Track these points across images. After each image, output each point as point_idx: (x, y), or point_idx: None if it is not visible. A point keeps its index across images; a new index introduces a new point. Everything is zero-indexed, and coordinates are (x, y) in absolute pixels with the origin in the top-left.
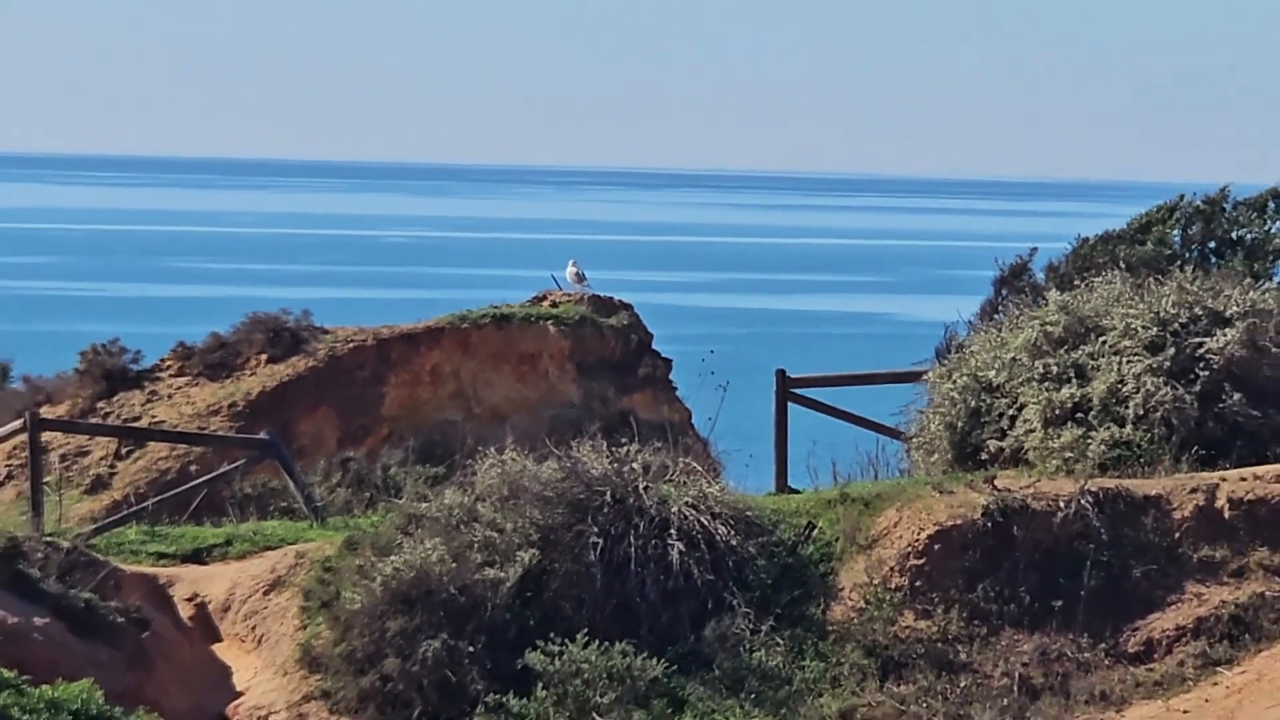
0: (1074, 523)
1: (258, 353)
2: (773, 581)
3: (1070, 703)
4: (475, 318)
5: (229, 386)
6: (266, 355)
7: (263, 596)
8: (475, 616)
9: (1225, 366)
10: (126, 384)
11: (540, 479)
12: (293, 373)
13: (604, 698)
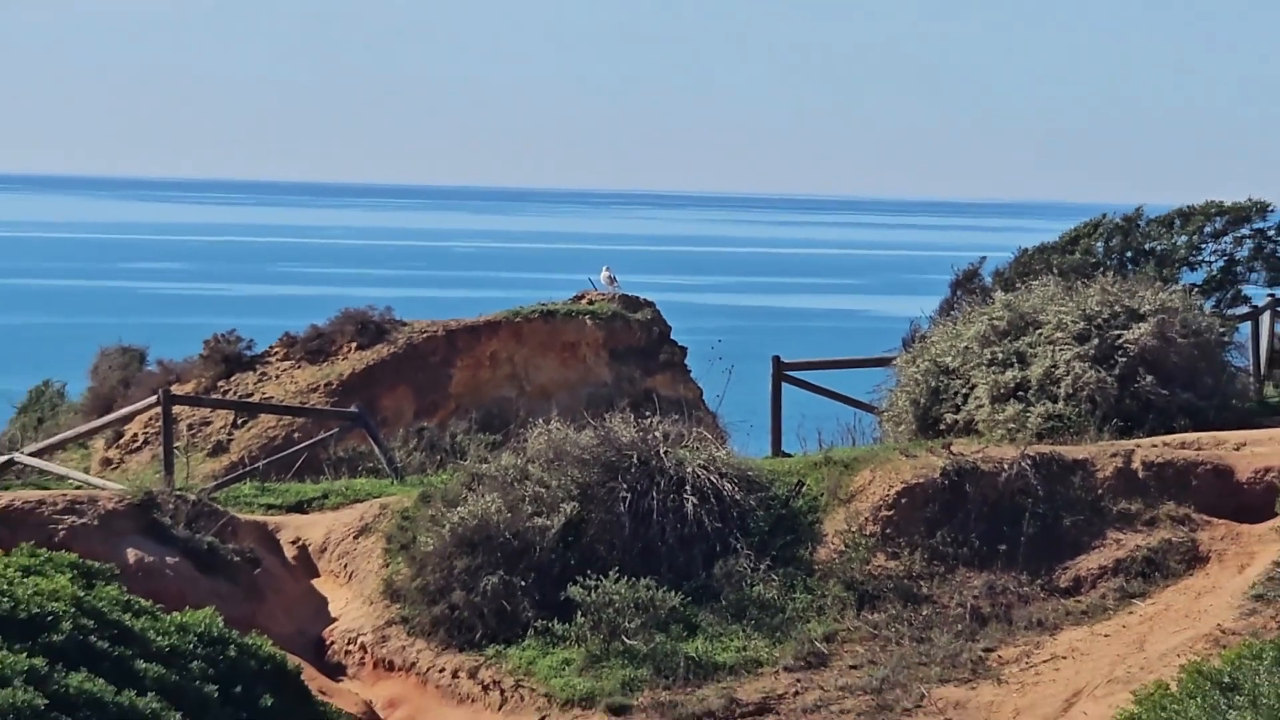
0: (1015, 481)
1: (348, 341)
2: (769, 529)
3: (1012, 628)
4: (526, 313)
5: (325, 369)
6: (355, 343)
7: (353, 540)
8: (526, 557)
9: (1139, 354)
10: (241, 367)
11: (579, 445)
12: (377, 358)
13: (631, 623)
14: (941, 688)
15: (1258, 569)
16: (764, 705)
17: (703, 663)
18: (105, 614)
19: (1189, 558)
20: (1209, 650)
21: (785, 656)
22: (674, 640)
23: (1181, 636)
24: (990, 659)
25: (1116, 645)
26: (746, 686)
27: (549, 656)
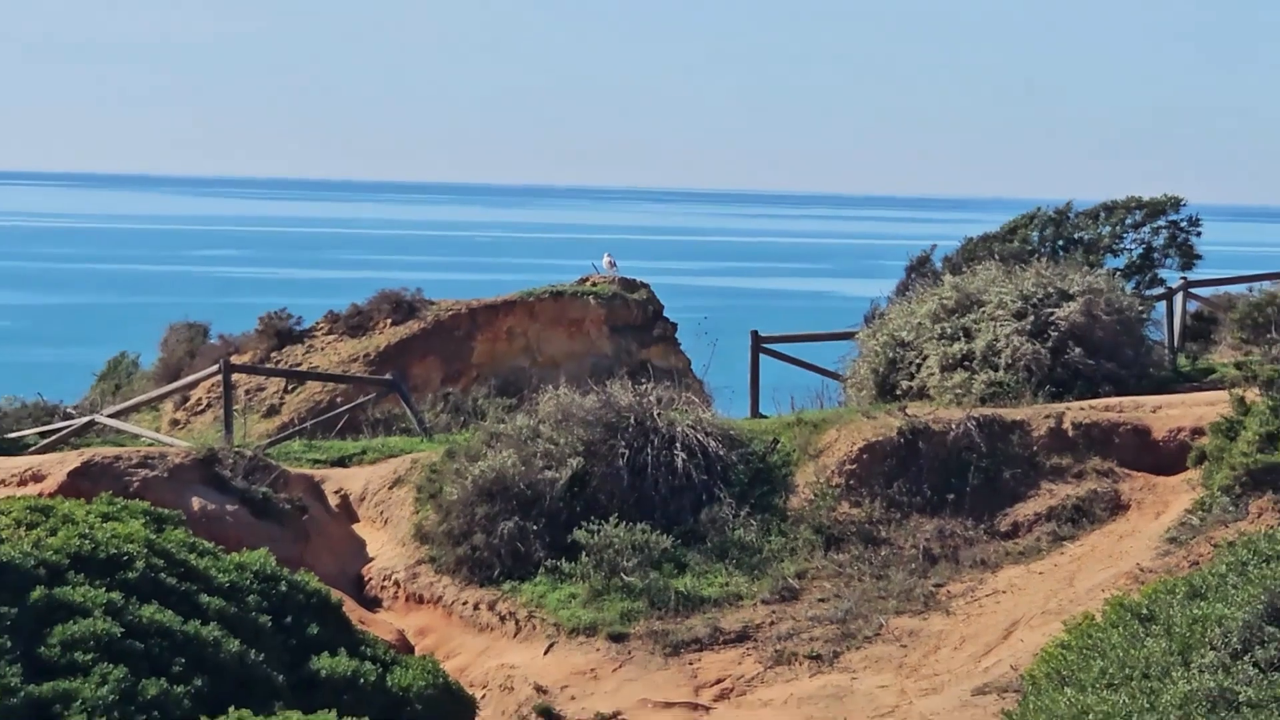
0: (962, 439)
1: (384, 318)
2: (748, 480)
3: (959, 567)
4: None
5: (363, 342)
6: (390, 319)
7: (387, 490)
8: (538, 505)
9: (1069, 329)
10: (291, 340)
11: (584, 407)
12: (408, 332)
13: (629, 562)
14: (897, 618)
15: (1171, 516)
16: (743, 633)
17: (691, 597)
18: (173, 554)
19: (1112, 506)
20: (1129, 586)
21: (762, 591)
22: (666, 577)
23: (1106, 574)
24: (940, 593)
25: (1049, 582)
26: (728, 617)
27: (557, 591)
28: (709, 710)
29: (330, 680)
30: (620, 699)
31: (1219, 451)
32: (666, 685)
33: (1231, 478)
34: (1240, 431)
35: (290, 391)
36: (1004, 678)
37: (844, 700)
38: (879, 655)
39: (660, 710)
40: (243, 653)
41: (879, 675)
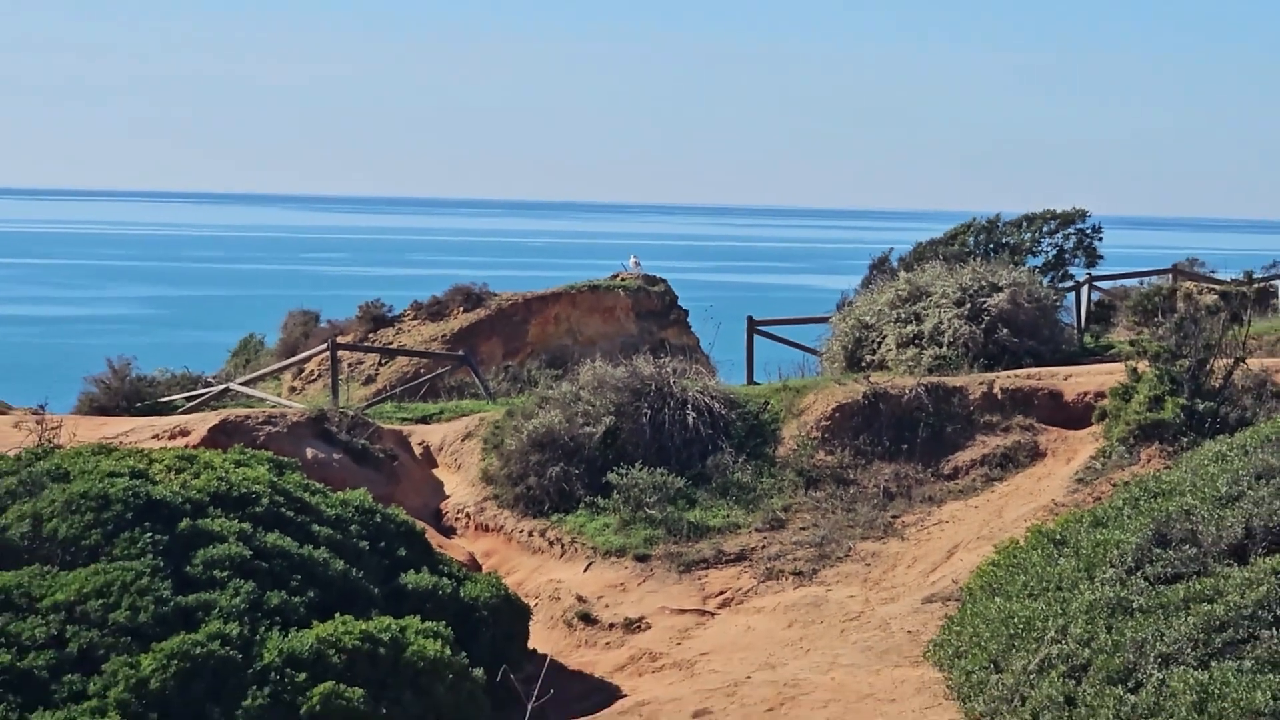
0: (913, 401)
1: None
2: (745, 434)
3: (911, 502)
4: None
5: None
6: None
7: (460, 442)
8: (579, 453)
9: (998, 314)
10: (384, 324)
11: (615, 376)
12: (476, 318)
13: (650, 499)
14: (863, 543)
15: (1079, 461)
16: (741, 554)
17: (699, 526)
18: (291, 493)
19: (1032, 453)
20: (1046, 517)
21: (756, 521)
22: (680, 510)
23: (1027, 507)
24: (896, 523)
25: (983, 514)
26: (729, 542)
27: (594, 521)
28: (714, 615)
29: (415, 592)
30: (644, 606)
31: (1117, 410)
32: (680, 595)
33: (1126, 431)
34: (1133, 395)
35: (383, 365)
36: (947, 589)
37: (821, 607)
38: (848, 572)
39: (675, 615)
40: (346, 570)
41: (848, 587)
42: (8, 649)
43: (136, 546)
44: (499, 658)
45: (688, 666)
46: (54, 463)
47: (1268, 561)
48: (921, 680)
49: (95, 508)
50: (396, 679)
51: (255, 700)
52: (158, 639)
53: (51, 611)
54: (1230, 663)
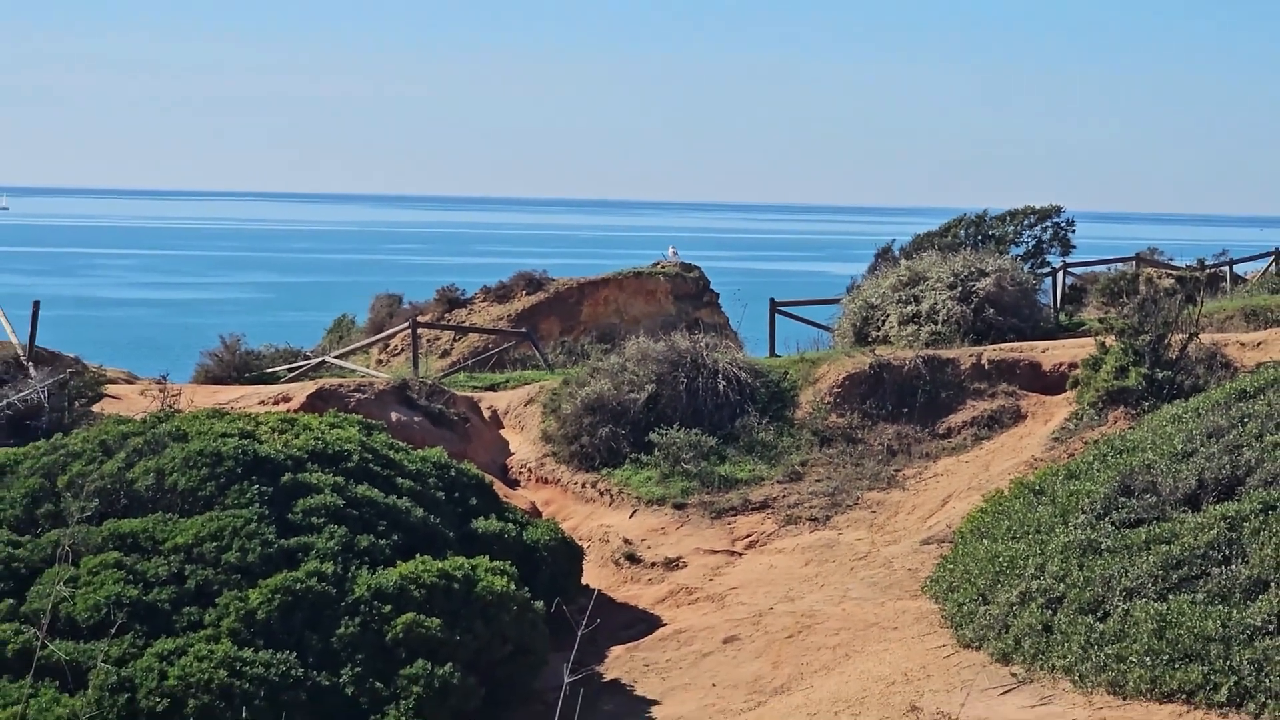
0: (913, 371)
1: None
2: (767, 399)
3: (911, 458)
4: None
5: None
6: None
7: (523, 407)
8: (625, 416)
9: (986, 296)
10: (457, 305)
11: (656, 350)
12: (537, 300)
13: (686, 455)
14: (869, 492)
15: (1056, 423)
16: (765, 503)
17: (729, 478)
18: (378, 450)
19: (1015, 416)
20: (1027, 470)
21: (777, 474)
22: (712, 465)
23: (1011, 462)
24: (898, 476)
25: (973, 468)
26: (754, 492)
27: (638, 475)
28: (741, 555)
29: (485, 535)
30: (681, 548)
31: (1088, 379)
32: (712, 538)
33: (1096, 396)
34: (1102, 365)
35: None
36: (941, 533)
37: (833, 548)
38: (857, 518)
39: (708, 555)
40: (425, 517)
41: (857, 531)
42: (135, 585)
43: (245, 497)
44: (556, 592)
45: (719, 599)
46: (175, 425)
47: (1217, 509)
48: (920, 611)
49: (210, 463)
50: (468, 610)
51: (347, 629)
52: (263, 576)
53: (172, 553)
54: (1185, 595)
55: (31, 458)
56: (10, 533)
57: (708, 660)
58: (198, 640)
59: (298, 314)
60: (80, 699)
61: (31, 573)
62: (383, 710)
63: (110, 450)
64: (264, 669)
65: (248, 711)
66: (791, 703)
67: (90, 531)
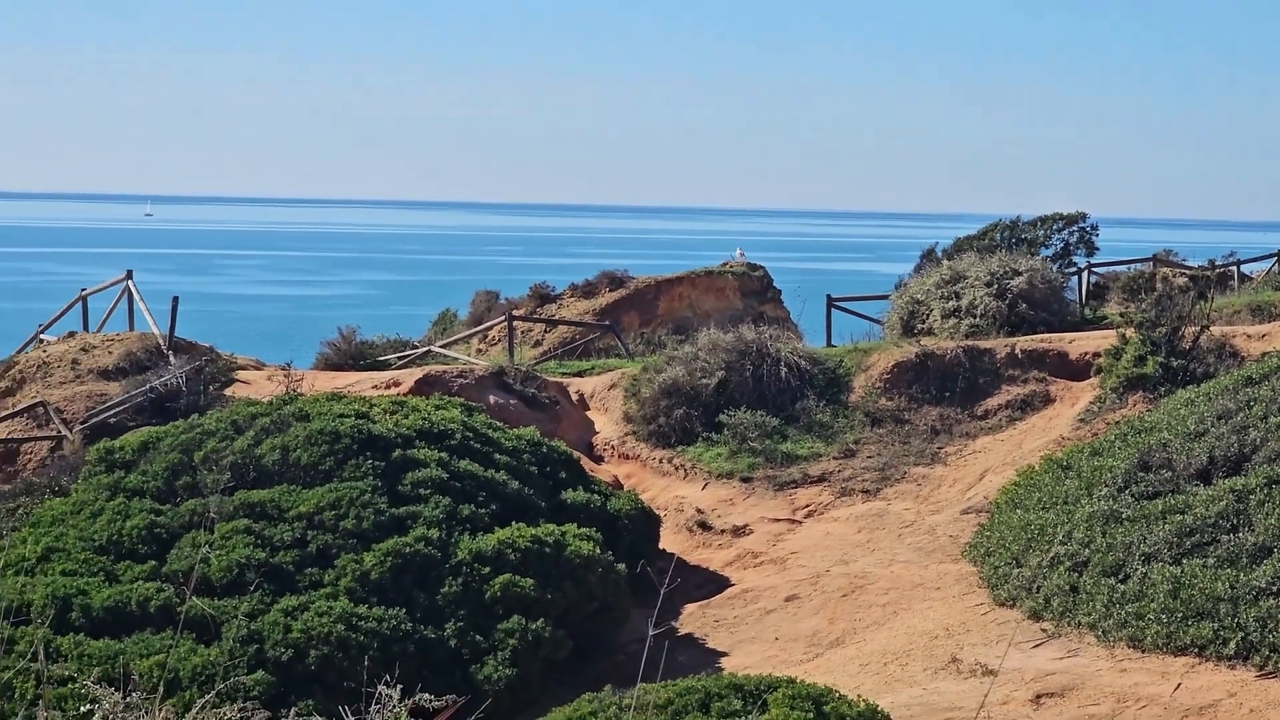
0: (954, 359)
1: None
2: (824, 384)
3: (952, 437)
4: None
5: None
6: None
7: (606, 391)
8: (698, 399)
9: (1019, 292)
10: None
11: (725, 340)
12: (619, 296)
13: (752, 434)
14: (915, 467)
15: (1081, 406)
16: (822, 476)
17: (790, 455)
18: (478, 429)
19: (1045, 399)
20: (1056, 448)
21: (833, 451)
22: (775, 443)
23: (1041, 440)
24: (940, 453)
25: (1007, 446)
26: (813, 467)
27: (709, 451)
28: (801, 523)
29: (573, 505)
30: (747, 516)
31: (1110, 366)
32: (775, 508)
33: (1117, 382)
34: (1123, 354)
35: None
36: (979, 504)
37: (883, 517)
38: (904, 490)
39: (771, 523)
40: (520, 489)
41: (904, 502)
42: (263, 548)
43: (360, 470)
44: (637, 556)
45: (781, 562)
46: (298, 407)
47: (1226, 483)
48: (960, 573)
49: (329, 441)
50: (558, 571)
51: (451, 588)
52: (376, 541)
53: (296, 520)
54: (1197, 560)
55: (171, 435)
56: (153, 502)
57: (771, 616)
58: (318, 598)
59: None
60: (215, 649)
61: (171, 537)
62: (482, 660)
63: (241, 429)
64: (377, 623)
65: (362, 660)
66: (846, 654)
67: (223, 501)
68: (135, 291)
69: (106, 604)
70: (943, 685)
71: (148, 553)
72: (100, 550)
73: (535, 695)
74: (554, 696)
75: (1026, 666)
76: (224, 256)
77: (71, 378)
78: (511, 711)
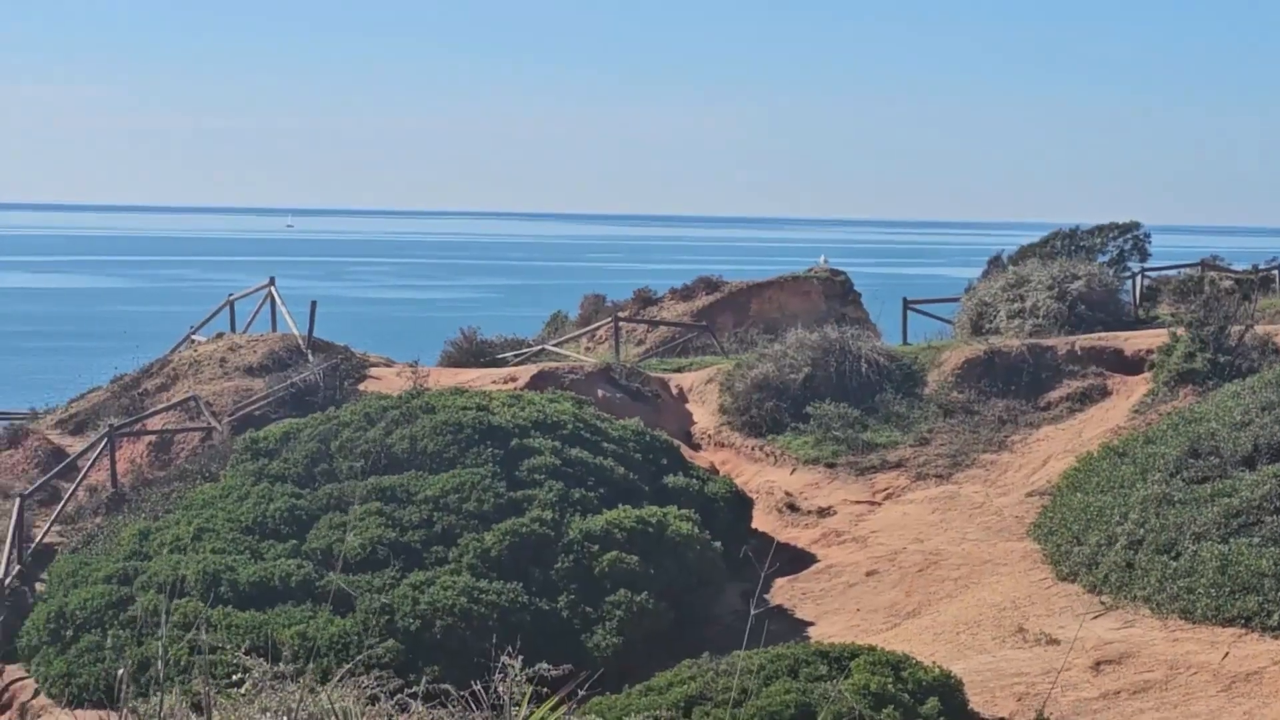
0: (1019, 356)
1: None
2: (901, 379)
3: (1017, 427)
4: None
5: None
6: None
7: (703, 385)
8: (786, 393)
9: (1078, 295)
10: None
11: (811, 339)
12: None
13: (836, 424)
14: (983, 454)
15: (1136, 398)
16: (899, 462)
17: (870, 443)
18: (588, 420)
19: (1102, 392)
20: (1112, 436)
21: (909, 440)
22: (856, 432)
23: (1099, 430)
24: (1007, 441)
25: (1068, 434)
26: (891, 454)
27: (797, 440)
28: (880, 505)
29: (673, 489)
30: (832, 499)
31: (1162, 362)
32: (857, 491)
33: (1169, 377)
34: (1173, 351)
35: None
36: (1043, 487)
37: (955, 499)
38: (974, 475)
39: (853, 505)
40: (625, 474)
41: (974, 486)
42: (393, 528)
43: (481, 458)
44: (731, 535)
45: (862, 540)
46: (424, 400)
47: (1270, 468)
48: (1025, 551)
49: (452, 431)
50: (660, 549)
51: (563, 564)
52: (496, 521)
53: (423, 503)
54: (1244, 539)
55: (310, 426)
56: (294, 487)
57: (853, 590)
58: (443, 573)
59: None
60: (349, 620)
61: (310, 519)
62: (591, 630)
63: (373, 420)
64: (496, 596)
65: (483, 630)
66: (921, 624)
67: (357, 486)
68: (277, 296)
69: (252, 579)
70: (1010, 653)
71: (289, 533)
72: (246, 530)
73: (639, 662)
74: (656, 663)
75: (1087, 636)
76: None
77: (220, 374)
78: (618, 677)
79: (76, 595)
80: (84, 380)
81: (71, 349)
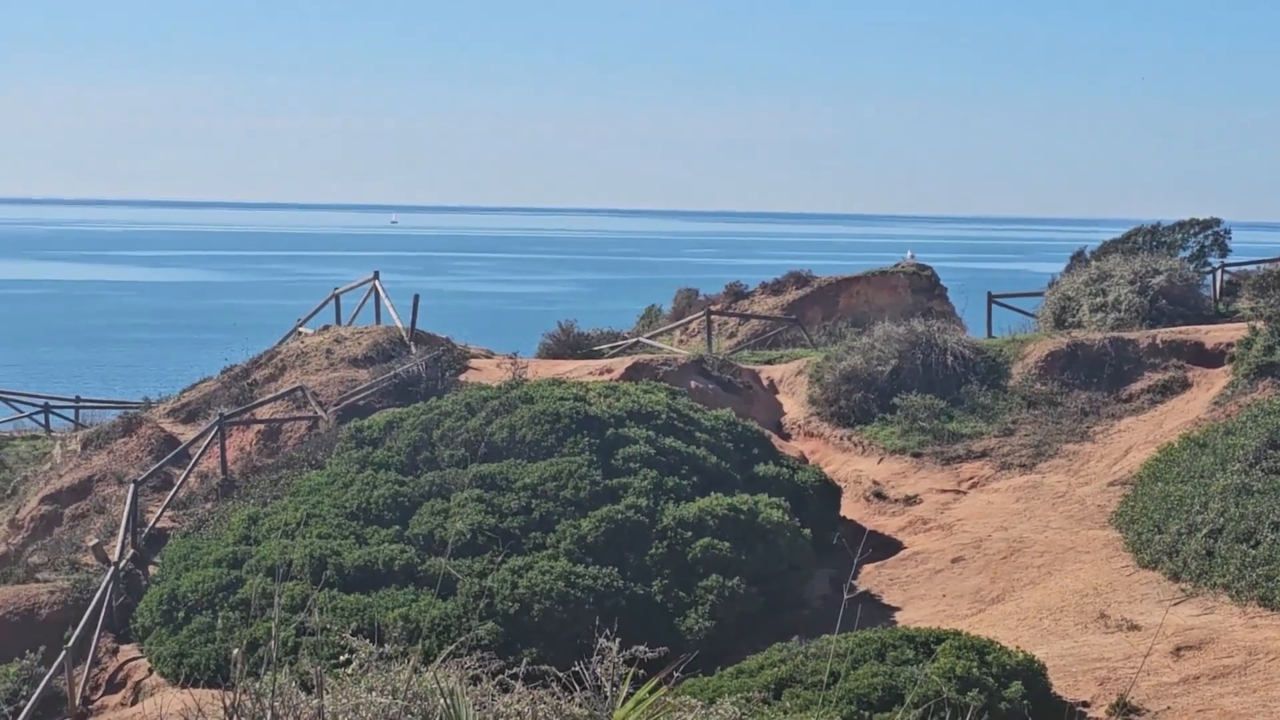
0: (1101, 349)
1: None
2: (986, 371)
3: (1100, 418)
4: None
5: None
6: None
7: (794, 377)
8: (874, 384)
9: (1159, 290)
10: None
11: (898, 332)
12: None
13: (922, 415)
14: (1066, 445)
15: (1215, 390)
16: (983, 453)
17: (955, 433)
18: (681, 410)
19: (1183, 385)
20: (1192, 428)
21: (993, 430)
22: (942, 423)
23: (1180, 421)
24: (1089, 432)
25: (1149, 425)
26: (976, 444)
27: (884, 430)
28: (965, 494)
29: (764, 477)
30: (918, 487)
31: (1241, 355)
32: (943, 480)
33: (1248, 369)
34: (1253, 344)
35: (741, 325)
36: (1124, 477)
37: (1038, 488)
38: (1057, 465)
39: (939, 493)
40: (718, 463)
41: (1057, 475)
42: (493, 514)
43: (578, 447)
44: (820, 522)
45: (947, 528)
46: (523, 391)
47: None
48: (1107, 539)
49: (550, 421)
50: (751, 535)
51: (657, 550)
52: (592, 508)
53: (522, 490)
54: None
55: (413, 416)
56: (397, 474)
57: (939, 576)
58: (541, 558)
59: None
60: (451, 602)
61: (413, 505)
62: (684, 613)
63: (473, 410)
64: (593, 581)
65: (580, 613)
66: (1005, 610)
67: (458, 473)
68: (381, 290)
69: (357, 563)
70: (1092, 638)
71: (392, 518)
72: (351, 516)
73: (731, 644)
74: (747, 645)
75: (1167, 622)
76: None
77: (326, 365)
78: (710, 658)
79: (188, 578)
80: (195, 371)
81: (184, 341)
